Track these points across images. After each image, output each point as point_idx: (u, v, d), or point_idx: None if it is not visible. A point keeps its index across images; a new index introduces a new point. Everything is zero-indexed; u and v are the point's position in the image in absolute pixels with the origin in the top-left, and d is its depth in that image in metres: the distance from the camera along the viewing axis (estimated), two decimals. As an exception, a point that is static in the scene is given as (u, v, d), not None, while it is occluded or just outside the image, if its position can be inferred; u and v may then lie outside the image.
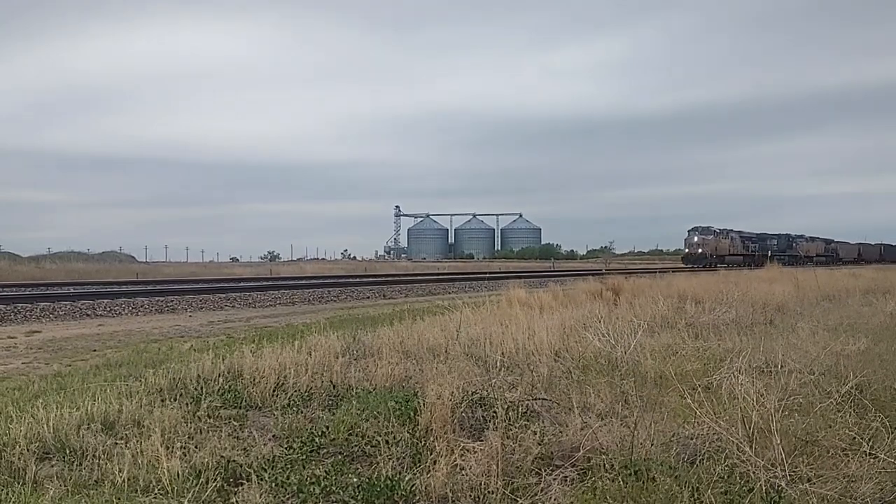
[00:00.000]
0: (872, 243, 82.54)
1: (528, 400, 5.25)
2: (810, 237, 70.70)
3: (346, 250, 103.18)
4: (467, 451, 4.09)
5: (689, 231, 58.15)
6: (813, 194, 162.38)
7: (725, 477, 3.81)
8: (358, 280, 28.95)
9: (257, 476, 3.91)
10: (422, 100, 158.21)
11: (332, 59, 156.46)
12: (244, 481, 3.89)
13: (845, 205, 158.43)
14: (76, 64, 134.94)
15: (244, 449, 4.40)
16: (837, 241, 75.36)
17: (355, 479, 3.88)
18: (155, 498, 3.72)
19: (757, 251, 60.23)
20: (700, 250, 54.88)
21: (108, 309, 14.96)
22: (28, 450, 4.17)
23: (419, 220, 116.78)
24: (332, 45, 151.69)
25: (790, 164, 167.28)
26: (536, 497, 3.76)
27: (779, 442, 3.96)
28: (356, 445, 4.48)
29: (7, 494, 3.73)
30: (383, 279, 29.57)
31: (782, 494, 3.64)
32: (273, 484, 3.84)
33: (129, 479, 3.86)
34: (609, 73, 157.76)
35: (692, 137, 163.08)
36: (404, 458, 4.22)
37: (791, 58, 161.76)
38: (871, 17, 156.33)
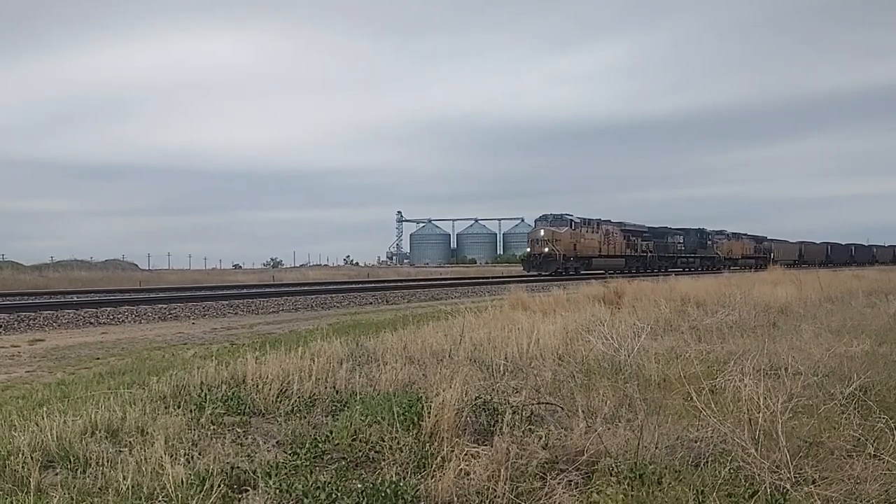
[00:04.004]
0: (817, 242, 71.66)
1: (533, 404, 5.25)
2: (734, 233, 57.25)
3: (348, 256, 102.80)
4: (473, 456, 4.08)
5: (535, 221, 41.37)
6: (814, 196, 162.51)
7: (730, 479, 3.81)
8: (361, 286, 28.91)
9: (262, 482, 3.91)
10: (424, 105, 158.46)
11: (335, 65, 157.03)
12: (248, 488, 3.90)
13: (847, 206, 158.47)
14: (80, 73, 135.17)
15: (248, 455, 4.40)
16: (772, 240, 63.09)
17: (360, 485, 3.87)
18: (159, 505, 3.72)
19: (651, 251, 45.98)
20: (547, 249, 38.57)
21: (112, 317, 14.98)
22: (32, 458, 4.17)
23: (421, 225, 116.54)
24: (336, 51, 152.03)
25: (793, 167, 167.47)
26: (541, 502, 3.75)
27: (784, 444, 3.95)
28: (360, 451, 4.47)
29: (11, 503, 3.73)
30: (386, 285, 29.57)
31: (787, 496, 3.63)
32: (277, 490, 3.84)
33: (132, 487, 3.85)
34: (612, 77, 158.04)
35: (695, 141, 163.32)
36: (409, 463, 4.21)
37: (794, 61, 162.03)
38: (873, 21, 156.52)
